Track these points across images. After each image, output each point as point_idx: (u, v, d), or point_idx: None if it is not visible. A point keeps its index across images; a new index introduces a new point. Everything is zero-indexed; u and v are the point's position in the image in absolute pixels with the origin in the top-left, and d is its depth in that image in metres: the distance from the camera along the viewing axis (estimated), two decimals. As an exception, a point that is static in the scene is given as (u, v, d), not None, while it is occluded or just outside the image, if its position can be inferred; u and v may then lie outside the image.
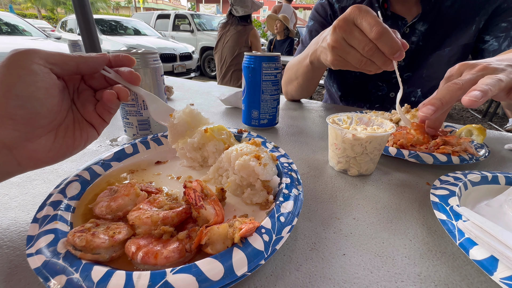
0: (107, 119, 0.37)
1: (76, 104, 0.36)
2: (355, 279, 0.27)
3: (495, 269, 0.25)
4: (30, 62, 0.28)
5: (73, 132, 0.34)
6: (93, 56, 0.34)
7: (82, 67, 0.33)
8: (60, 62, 0.31)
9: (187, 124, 0.44)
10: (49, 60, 0.30)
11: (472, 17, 0.79)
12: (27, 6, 19.98)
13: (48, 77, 0.30)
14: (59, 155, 0.32)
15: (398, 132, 0.56)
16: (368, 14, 0.45)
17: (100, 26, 5.37)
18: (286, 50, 4.01)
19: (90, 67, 0.34)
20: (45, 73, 0.29)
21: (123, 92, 0.36)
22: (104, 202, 0.32)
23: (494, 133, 0.73)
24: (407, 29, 0.84)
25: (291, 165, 0.42)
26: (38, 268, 0.23)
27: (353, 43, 0.48)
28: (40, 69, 0.29)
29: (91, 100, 0.36)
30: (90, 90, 0.37)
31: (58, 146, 0.31)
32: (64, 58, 0.31)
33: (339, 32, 0.48)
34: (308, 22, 1.01)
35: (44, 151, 0.30)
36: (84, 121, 0.35)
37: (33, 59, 0.28)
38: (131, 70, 0.38)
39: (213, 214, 0.29)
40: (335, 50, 0.51)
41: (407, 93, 0.92)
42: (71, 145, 0.33)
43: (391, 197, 0.42)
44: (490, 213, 0.35)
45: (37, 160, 0.30)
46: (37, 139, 0.29)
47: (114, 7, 26.83)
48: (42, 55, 0.29)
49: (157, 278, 0.22)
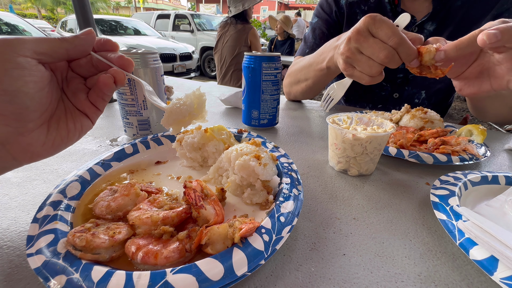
0: (101, 106, 0.36)
1: (67, 94, 0.34)
2: (355, 279, 0.27)
3: (495, 269, 0.25)
4: (15, 54, 0.26)
5: (66, 123, 0.33)
6: (80, 38, 0.32)
7: (71, 52, 0.31)
8: (48, 51, 0.29)
9: (193, 106, 0.40)
10: (37, 50, 0.28)
11: (479, 20, 0.78)
12: (27, 6, 19.98)
13: (36, 70, 0.28)
14: (54, 147, 0.31)
15: (398, 132, 0.56)
16: (384, 24, 0.45)
17: (100, 26, 5.37)
18: (286, 51, 4.02)
19: (79, 50, 0.32)
20: (33, 66, 0.28)
21: (119, 74, 0.34)
22: (104, 202, 0.32)
23: (494, 133, 0.73)
24: (415, 28, 0.83)
25: (291, 165, 0.42)
26: (38, 268, 0.23)
27: (367, 52, 0.48)
28: (27, 62, 0.27)
29: (82, 89, 0.35)
30: (79, 78, 0.35)
31: (52, 138, 0.31)
32: (52, 46, 0.29)
33: (354, 43, 0.48)
34: (312, 19, 0.99)
35: (38, 144, 0.29)
36: (76, 111, 0.34)
37: (19, 51, 0.27)
38: (122, 55, 0.35)
39: (213, 214, 0.29)
40: (348, 60, 0.51)
41: (410, 94, 0.92)
42: (66, 137, 0.32)
43: (391, 197, 0.42)
44: (490, 213, 0.35)
45: (32, 153, 0.29)
46: (30, 133, 0.29)
47: (114, 7, 26.83)
48: (29, 46, 0.27)
49: (157, 278, 0.22)
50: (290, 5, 25.37)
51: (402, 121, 0.67)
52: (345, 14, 0.90)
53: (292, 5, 25.32)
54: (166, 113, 0.38)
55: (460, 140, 0.52)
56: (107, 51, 0.36)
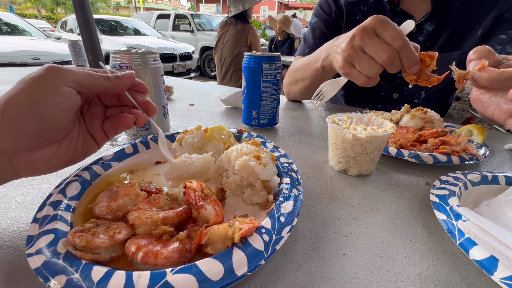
0: (111, 136, 0.37)
1: (84, 117, 0.35)
2: (355, 279, 0.27)
3: (495, 269, 0.25)
4: (61, 83, 0.28)
5: (76, 145, 0.33)
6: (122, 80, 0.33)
7: (110, 91, 0.33)
8: (90, 86, 0.31)
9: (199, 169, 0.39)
10: (81, 84, 0.30)
11: (478, 21, 0.78)
12: (27, 6, 19.97)
13: (74, 99, 0.29)
14: (57, 166, 0.32)
15: (398, 132, 0.56)
16: (390, 26, 0.45)
17: (100, 26, 5.37)
18: (286, 50, 4.03)
19: (117, 90, 0.34)
20: (72, 95, 0.29)
21: (141, 119, 0.36)
22: (104, 202, 0.32)
23: (494, 133, 0.73)
24: (414, 28, 0.83)
25: (291, 165, 0.42)
26: (38, 268, 0.23)
27: (370, 51, 0.47)
28: (69, 92, 0.29)
29: (100, 116, 0.36)
30: (101, 105, 0.37)
31: (58, 157, 0.31)
32: (96, 82, 0.31)
33: (358, 40, 0.48)
34: (311, 18, 0.98)
35: (43, 161, 0.30)
36: (88, 135, 0.35)
37: (65, 80, 0.28)
38: (149, 101, 0.37)
39: (213, 214, 0.29)
40: (349, 57, 0.50)
41: (410, 94, 0.92)
42: (71, 157, 0.33)
43: (391, 197, 0.42)
44: (490, 213, 0.35)
45: (34, 169, 0.30)
46: (39, 150, 0.29)
47: (114, 7, 26.82)
48: (75, 78, 0.29)
49: (157, 278, 0.22)
50: (290, 5, 25.37)
51: (402, 121, 0.67)
52: (344, 14, 0.90)
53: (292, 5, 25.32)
54: (171, 167, 0.38)
55: (460, 140, 0.52)
56: (137, 92, 0.37)
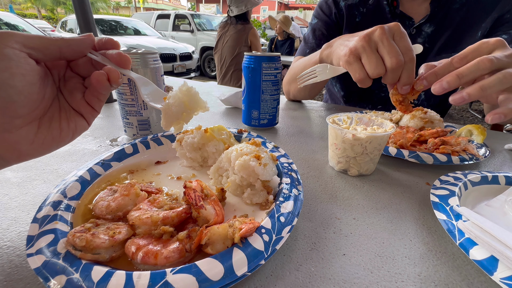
0: (97, 107, 0.35)
1: (63, 93, 0.33)
2: (355, 279, 0.27)
3: (495, 269, 0.25)
4: (2, 45, 0.26)
5: (59, 123, 0.31)
6: (77, 39, 0.31)
7: (65, 51, 0.30)
8: (40, 47, 0.28)
9: (184, 104, 0.39)
10: (27, 44, 0.27)
11: (478, 23, 0.78)
12: (27, 6, 19.97)
13: (25, 63, 0.27)
14: (44, 147, 0.30)
15: (398, 132, 0.56)
16: (407, 38, 0.45)
17: (100, 26, 5.37)
18: (286, 50, 4.03)
19: (74, 50, 0.31)
20: (21, 58, 0.27)
21: (113, 73, 0.33)
22: (104, 202, 0.32)
23: (494, 133, 0.73)
24: (413, 30, 0.83)
25: (291, 165, 0.42)
26: (38, 268, 0.23)
27: (383, 51, 0.46)
28: (15, 54, 0.26)
29: (79, 88, 0.34)
30: (77, 77, 0.34)
31: (42, 137, 0.30)
32: (45, 42, 0.28)
33: (377, 37, 0.46)
34: (311, 19, 0.99)
35: (26, 143, 0.28)
36: (71, 110, 0.33)
37: (6, 42, 0.26)
38: (120, 52, 0.34)
39: (213, 214, 0.29)
40: (361, 48, 0.48)
41: None
42: (58, 137, 0.31)
43: (391, 197, 0.42)
44: (490, 213, 0.35)
45: (19, 152, 0.28)
46: (17, 130, 0.27)
47: (114, 7, 26.82)
48: (18, 38, 0.27)
49: (157, 278, 0.22)
50: (290, 5, 25.37)
51: (402, 121, 0.67)
52: (344, 16, 0.90)
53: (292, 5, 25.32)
54: (162, 114, 0.37)
55: (460, 140, 0.52)
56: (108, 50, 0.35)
